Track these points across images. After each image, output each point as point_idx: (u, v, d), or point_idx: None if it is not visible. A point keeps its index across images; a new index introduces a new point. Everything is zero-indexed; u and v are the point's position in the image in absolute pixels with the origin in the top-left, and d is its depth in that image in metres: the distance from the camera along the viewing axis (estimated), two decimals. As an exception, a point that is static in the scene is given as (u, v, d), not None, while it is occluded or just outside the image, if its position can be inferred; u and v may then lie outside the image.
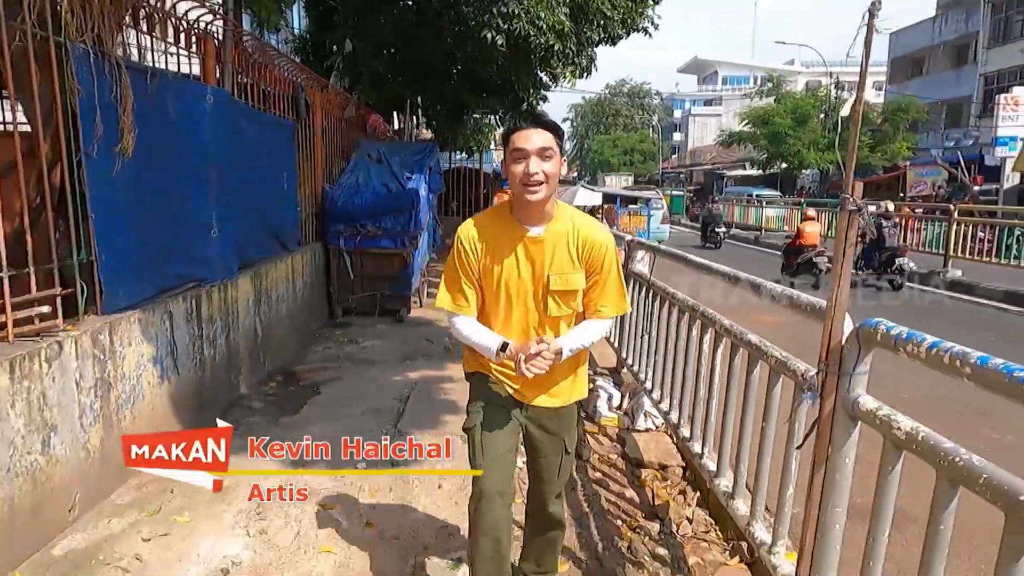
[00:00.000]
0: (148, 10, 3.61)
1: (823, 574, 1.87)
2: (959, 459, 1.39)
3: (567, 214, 2.04)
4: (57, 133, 2.91)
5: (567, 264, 2.00)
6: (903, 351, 1.58)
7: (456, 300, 2.06)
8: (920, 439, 1.52)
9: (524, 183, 1.89)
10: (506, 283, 2.01)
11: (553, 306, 2.02)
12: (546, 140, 1.90)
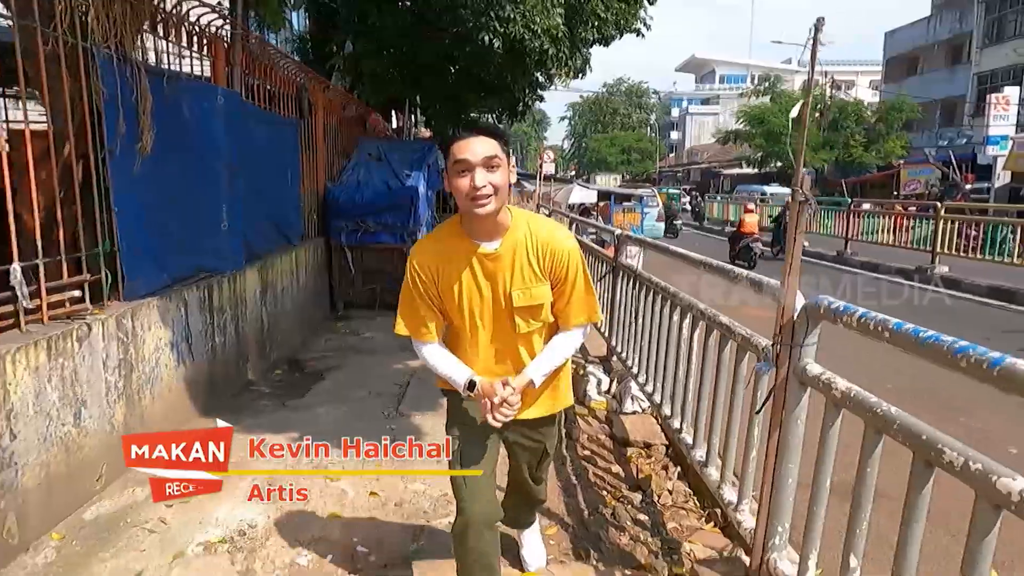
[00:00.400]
0: (164, 16, 3.84)
1: (779, 522, 2.12)
2: (880, 410, 1.64)
3: (522, 221, 1.89)
4: (84, 132, 3.15)
5: (529, 277, 1.87)
6: (840, 322, 1.83)
7: (416, 328, 1.96)
8: (852, 396, 1.76)
9: (471, 198, 1.73)
10: (468, 304, 1.90)
11: (521, 323, 1.91)
12: (490, 148, 1.74)
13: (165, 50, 3.98)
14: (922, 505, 1.50)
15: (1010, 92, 22.60)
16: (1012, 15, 29.86)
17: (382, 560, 2.64)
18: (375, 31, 8.53)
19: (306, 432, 3.77)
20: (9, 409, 2.45)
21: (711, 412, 2.85)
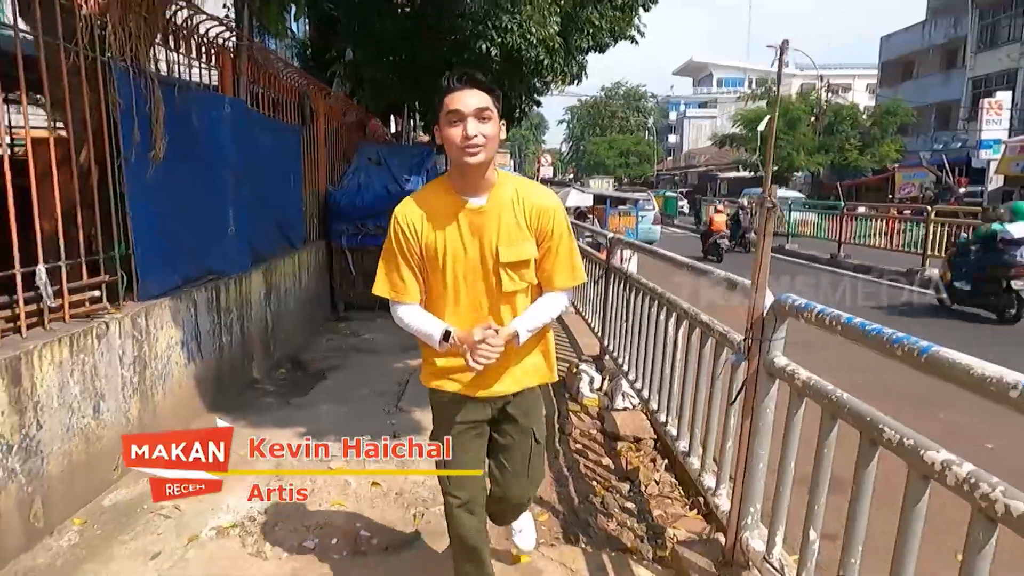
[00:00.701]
0: (176, 30, 4.02)
1: (751, 503, 2.30)
2: (834, 396, 1.82)
3: (508, 180, 1.92)
4: (101, 140, 3.33)
5: (516, 233, 1.87)
6: (801, 318, 2.01)
7: (395, 287, 1.92)
8: (812, 384, 1.94)
9: (463, 147, 1.75)
10: (452, 262, 1.87)
11: (507, 280, 1.88)
12: (483, 100, 1.77)
13: (176, 60, 4.16)
14: (868, 480, 1.68)
15: (1002, 97, 22.89)
16: (1005, 20, 30.13)
17: (384, 543, 2.81)
18: (375, 38, 8.71)
19: (311, 428, 4.02)
20: (36, 401, 2.63)
21: (693, 405, 3.03)
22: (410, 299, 1.93)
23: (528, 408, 2.07)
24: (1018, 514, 1.19)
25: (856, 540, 1.70)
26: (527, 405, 2.06)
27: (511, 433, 2.05)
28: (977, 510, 1.29)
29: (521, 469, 2.09)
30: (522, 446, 2.07)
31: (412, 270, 1.91)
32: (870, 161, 29.52)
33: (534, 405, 2.10)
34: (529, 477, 2.13)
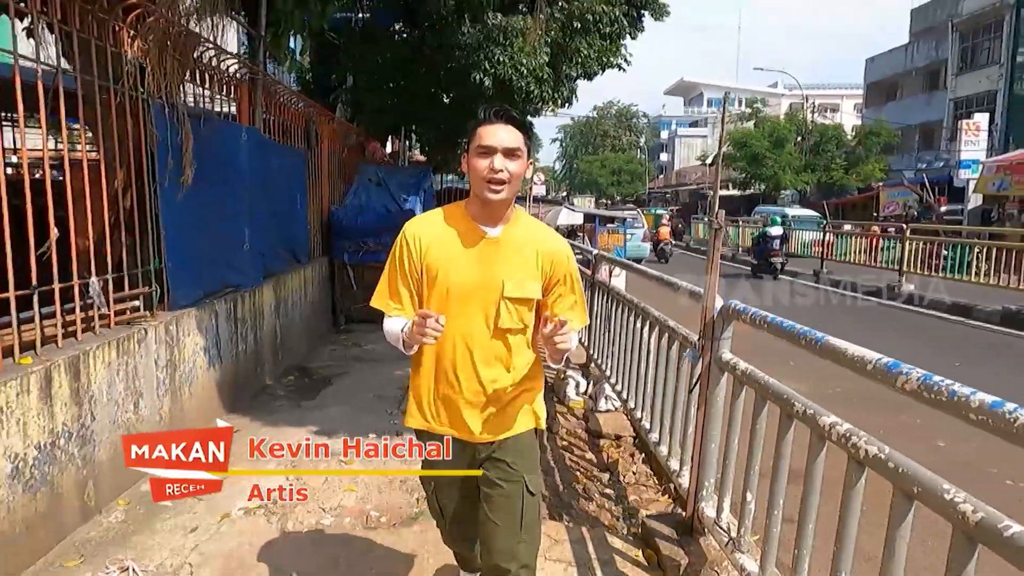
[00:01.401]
0: (201, 67, 4.47)
1: (706, 478, 2.71)
2: (763, 382, 2.25)
3: (524, 220, 1.93)
4: (140, 168, 3.75)
5: (525, 270, 1.85)
6: (741, 320, 2.45)
7: (389, 300, 1.91)
8: (749, 373, 2.37)
9: (488, 180, 1.75)
10: (453, 285, 1.83)
11: (505, 315, 1.84)
12: (515, 139, 1.77)
13: (199, 93, 4.60)
14: (786, 450, 2.11)
15: (980, 118, 23.63)
16: (985, 43, 31.03)
17: (391, 521, 3.21)
18: (375, 67, 9.22)
19: (322, 426, 4.43)
20: (91, 395, 3.03)
21: (662, 399, 3.46)
22: (402, 314, 1.88)
23: (519, 452, 1.92)
24: (874, 455, 1.62)
25: (778, 494, 2.12)
26: (518, 449, 1.92)
27: (499, 482, 1.89)
28: (850, 457, 1.72)
29: (511, 524, 1.87)
30: (512, 498, 1.87)
31: (409, 288, 1.88)
32: (855, 180, 30.25)
33: (526, 451, 1.96)
34: (522, 535, 1.88)
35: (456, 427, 1.91)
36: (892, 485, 1.55)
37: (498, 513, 1.88)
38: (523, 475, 1.91)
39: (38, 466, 2.67)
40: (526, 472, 1.92)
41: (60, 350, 2.93)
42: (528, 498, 1.90)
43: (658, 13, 10.97)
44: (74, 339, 3.11)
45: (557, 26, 8.81)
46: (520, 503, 1.88)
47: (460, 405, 1.88)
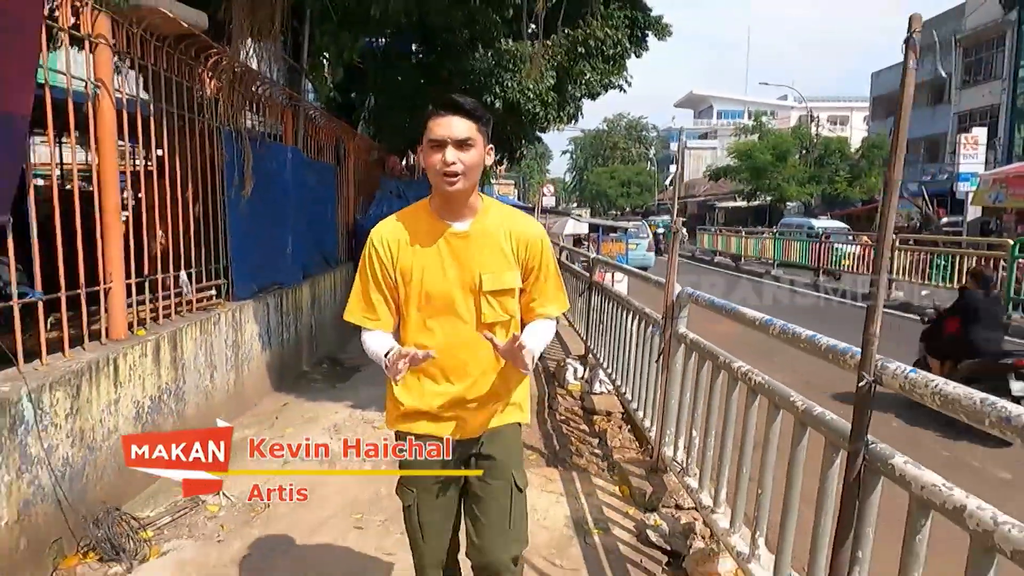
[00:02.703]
0: (257, 98, 5.30)
1: (667, 428, 3.46)
2: (706, 347, 3.00)
3: (494, 208, 1.86)
4: (210, 182, 4.57)
5: (500, 261, 1.80)
6: (695, 303, 3.20)
7: (365, 313, 1.84)
8: (695, 341, 3.13)
9: (442, 173, 1.70)
10: (429, 288, 1.78)
11: (488, 310, 1.79)
12: (466, 129, 1.71)
13: (255, 119, 5.43)
14: (716, 393, 2.85)
15: (978, 132, 24.19)
16: (988, 58, 31.57)
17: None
18: (396, 88, 10.07)
19: (356, 403, 5.21)
20: (183, 364, 3.83)
21: (639, 371, 4.21)
22: (380, 326, 1.83)
23: (505, 447, 1.89)
24: (758, 382, 2.37)
25: (711, 428, 2.87)
26: (504, 443, 1.89)
27: (487, 479, 1.85)
28: (750, 388, 2.47)
29: (500, 523, 1.84)
30: (500, 495, 1.85)
31: (384, 296, 1.82)
32: (859, 192, 30.85)
33: (512, 446, 1.92)
34: (511, 532, 1.85)
35: (443, 427, 1.84)
36: (768, 400, 2.30)
37: (487, 511, 1.84)
38: (511, 471, 1.87)
39: (150, 414, 3.47)
40: (513, 468, 1.88)
41: (162, 326, 3.74)
42: (516, 494, 1.87)
43: (661, 33, 11.77)
44: (169, 319, 3.91)
45: (562, 51, 9.62)
46: (509, 500, 1.85)
47: (448, 403, 1.82)
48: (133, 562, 2.77)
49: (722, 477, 2.72)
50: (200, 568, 2.80)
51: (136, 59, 3.47)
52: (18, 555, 2.50)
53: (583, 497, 3.51)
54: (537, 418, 5.04)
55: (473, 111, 1.74)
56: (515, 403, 1.93)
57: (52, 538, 2.69)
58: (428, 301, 1.79)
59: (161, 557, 2.88)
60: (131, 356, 3.28)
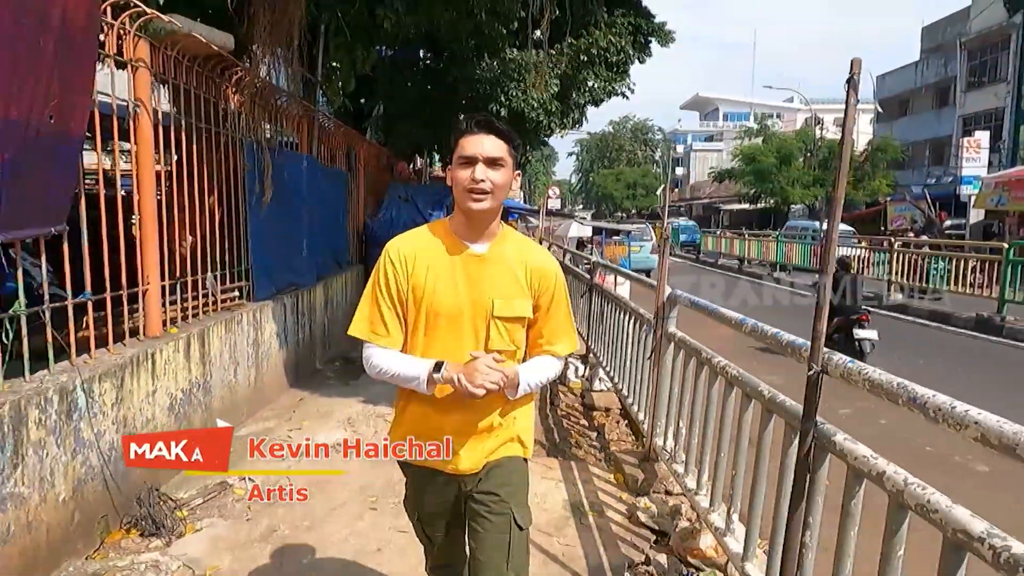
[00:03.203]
0: (276, 111, 5.60)
1: (658, 420, 3.74)
2: (692, 344, 3.28)
3: (512, 237, 1.86)
4: (236, 191, 4.87)
5: (514, 288, 1.78)
6: (681, 304, 3.48)
7: (375, 328, 1.76)
8: (681, 338, 3.40)
9: (470, 190, 1.69)
10: (439, 307, 1.74)
11: (496, 336, 1.76)
12: (498, 149, 1.71)
13: (273, 129, 5.74)
14: (701, 386, 3.13)
15: (980, 136, 24.37)
16: (992, 61, 31.65)
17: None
18: (403, 96, 10.39)
19: (368, 398, 5.49)
20: (210, 359, 4.13)
21: (634, 368, 4.49)
22: (390, 343, 1.76)
23: (507, 482, 1.82)
24: (733, 375, 2.65)
25: (696, 418, 3.15)
26: (506, 478, 1.82)
27: (486, 515, 1.80)
28: (725, 380, 2.75)
29: (499, 561, 1.78)
30: (498, 532, 1.79)
31: (396, 312, 1.77)
32: (863, 195, 30.99)
33: (515, 481, 1.85)
34: (509, 573, 1.78)
35: (439, 460, 1.78)
36: (741, 391, 2.58)
37: (485, 548, 1.79)
38: (511, 508, 1.80)
39: (182, 405, 3.77)
40: (515, 505, 1.81)
41: (192, 324, 4.04)
42: (516, 532, 1.80)
43: (664, 39, 12.06)
44: (197, 318, 4.22)
45: (566, 60, 9.93)
46: (508, 538, 1.79)
47: (450, 434, 1.76)
48: (171, 537, 3.07)
49: (704, 461, 2.99)
50: (232, 543, 3.10)
51: (170, 79, 3.78)
52: (72, 528, 2.80)
53: (580, 483, 3.79)
54: (539, 413, 5.32)
55: (507, 132, 1.76)
56: (519, 437, 1.86)
57: (100, 514, 2.99)
58: (436, 321, 1.75)
59: (196, 533, 3.18)
60: (166, 352, 3.59)
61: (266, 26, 4.98)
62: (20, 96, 2.32)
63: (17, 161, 2.37)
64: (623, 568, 2.89)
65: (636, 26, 11.64)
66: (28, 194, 2.50)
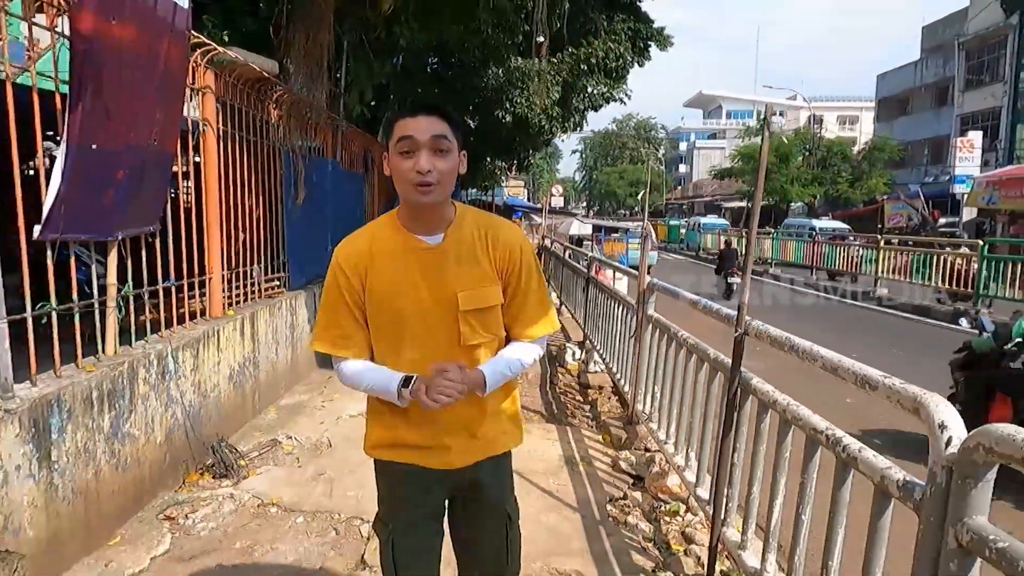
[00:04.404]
0: (307, 123, 6.30)
1: (639, 390, 4.43)
2: (661, 320, 3.97)
3: (469, 216, 1.71)
4: (276, 193, 5.57)
5: (477, 276, 1.65)
6: (657, 291, 4.17)
7: (337, 341, 1.68)
8: (657, 319, 4.09)
9: (414, 183, 1.53)
10: (402, 310, 1.63)
11: (467, 331, 1.65)
12: (440, 128, 1.55)
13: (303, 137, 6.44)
14: (671, 358, 3.81)
15: (973, 136, 24.93)
16: (990, 62, 32.11)
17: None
18: (414, 100, 11.08)
19: (387, 376, 6.16)
20: (257, 339, 4.83)
21: (621, 347, 5.18)
22: (356, 355, 1.68)
23: (497, 477, 1.78)
24: (690, 343, 3.33)
25: (665, 382, 3.84)
26: (496, 474, 1.78)
27: (478, 515, 1.76)
28: (687, 349, 3.44)
29: (494, 562, 1.78)
30: (494, 533, 1.77)
31: (356, 320, 1.67)
32: (860, 194, 31.57)
33: (504, 475, 1.81)
34: (508, 567, 1.79)
35: (426, 456, 1.69)
36: (697, 356, 3.27)
37: (479, 555, 1.78)
38: (504, 505, 1.79)
39: (238, 375, 4.48)
40: (505, 501, 1.80)
41: (243, 308, 4.75)
42: (511, 529, 1.79)
43: (663, 44, 12.73)
44: (247, 303, 4.92)
45: (567, 68, 10.61)
46: (505, 536, 1.77)
47: (432, 432, 1.68)
48: (238, 478, 3.77)
49: (671, 416, 3.68)
50: (288, 481, 3.80)
51: (227, 100, 4.48)
52: (164, 466, 3.51)
53: (573, 443, 4.49)
54: (540, 390, 6.02)
55: (448, 113, 1.60)
56: (505, 429, 1.79)
57: (182, 459, 3.70)
58: (402, 324, 1.64)
59: (257, 476, 3.88)
60: (227, 330, 4.29)
61: (301, 49, 5.67)
62: (138, 127, 3.03)
63: (133, 176, 3.08)
64: (605, 501, 3.59)
65: (635, 31, 12.32)
66: (139, 201, 3.21)
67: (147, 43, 2.95)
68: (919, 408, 1.50)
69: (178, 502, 3.43)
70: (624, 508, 3.49)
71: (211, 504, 3.43)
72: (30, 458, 2.48)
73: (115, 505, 3.05)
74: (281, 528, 3.24)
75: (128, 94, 2.90)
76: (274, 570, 2.87)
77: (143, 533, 3.12)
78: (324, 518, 3.34)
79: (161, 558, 2.93)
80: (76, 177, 2.68)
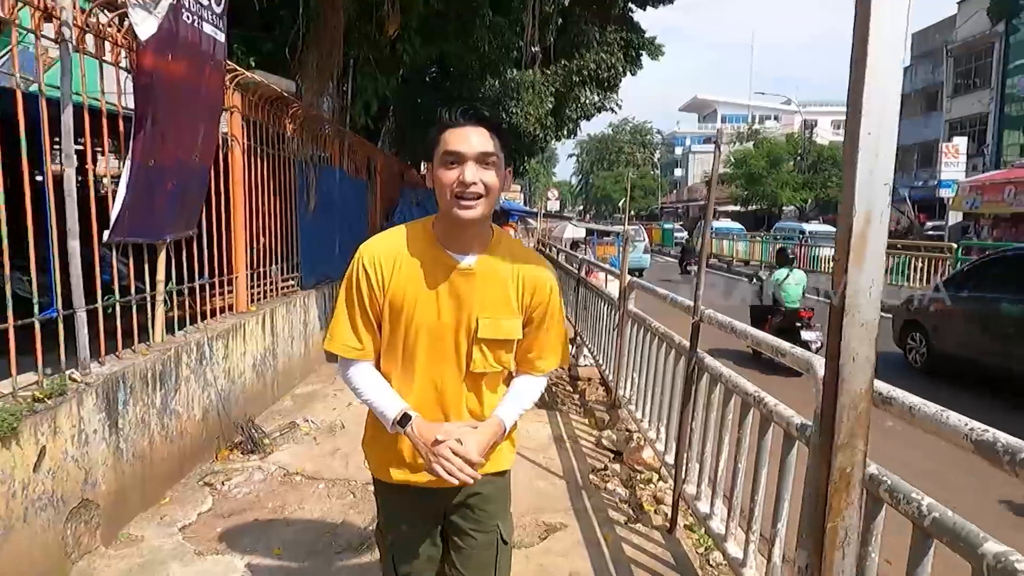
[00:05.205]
0: (318, 135, 6.81)
1: (621, 378, 4.93)
2: (638, 313, 4.48)
3: (505, 243, 1.66)
4: (291, 200, 6.07)
5: (502, 307, 1.62)
6: (637, 288, 4.68)
7: (351, 343, 1.63)
8: (635, 312, 4.60)
9: (458, 195, 1.49)
10: (418, 324, 1.59)
11: (479, 359, 1.62)
12: (487, 143, 1.51)
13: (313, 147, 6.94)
14: (647, 348, 4.32)
15: (959, 141, 25.57)
16: (978, 68, 32.73)
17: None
18: (414, 108, 11.60)
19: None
20: (275, 332, 5.33)
21: (606, 342, 5.69)
22: (365, 356, 1.66)
23: (492, 497, 1.76)
24: (662, 332, 3.84)
25: (642, 369, 4.34)
26: (491, 493, 1.75)
27: (470, 532, 1.74)
28: (661, 340, 3.94)
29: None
30: (484, 551, 1.75)
31: (370, 322, 1.64)
32: (849, 197, 32.16)
33: (499, 495, 1.79)
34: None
35: (421, 476, 1.66)
36: (664, 341, 3.78)
37: (471, 566, 1.74)
38: (497, 523, 1.76)
39: (260, 365, 4.97)
40: (500, 520, 1.77)
41: (263, 304, 5.25)
42: (501, 548, 1.77)
43: (654, 53, 13.27)
44: (267, 300, 5.42)
45: (560, 79, 11.14)
46: (495, 554, 1.75)
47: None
48: (264, 453, 4.27)
49: (645, 396, 4.19)
50: (309, 456, 4.29)
51: (250, 117, 4.98)
52: (201, 442, 4.00)
53: (561, 425, 4.99)
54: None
55: (495, 124, 1.57)
56: (502, 449, 1.74)
57: (215, 436, 4.19)
58: (416, 339, 1.61)
59: (280, 452, 4.37)
60: (251, 323, 4.79)
61: (313, 68, 6.17)
62: (185, 144, 3.53)
63: (179, 187, 3.58)
64: (588, 471, 4.09)
65: (627, 41, 12.86)
66: (183, 208, 3.71)
67: (194, 74, 3.46)
68: (808, 368, 2.01)
69: (214, 472, 3.93)
70: (604, 477, 4.00)
71: (243, 474, 3.92)
72: (104, 424, 2.98)
73: (164, 470, 3.55)
74: (306, 493, 3.74)
75: (178, 117, 3.40)
76: (303, 524, 3.37)
77: (188, 495, 3.61)
78: (342, 484, 3.84)
79: (206, 515, 3.43)
80: (137, 189, 3.18)
